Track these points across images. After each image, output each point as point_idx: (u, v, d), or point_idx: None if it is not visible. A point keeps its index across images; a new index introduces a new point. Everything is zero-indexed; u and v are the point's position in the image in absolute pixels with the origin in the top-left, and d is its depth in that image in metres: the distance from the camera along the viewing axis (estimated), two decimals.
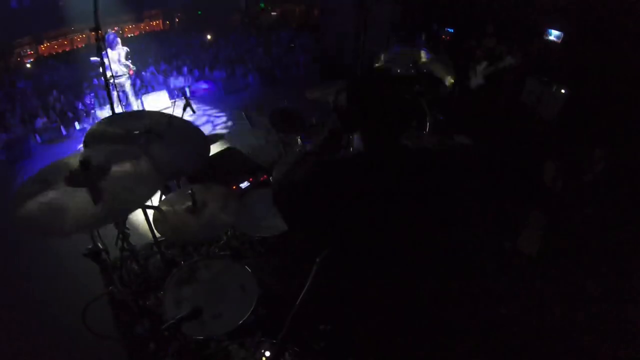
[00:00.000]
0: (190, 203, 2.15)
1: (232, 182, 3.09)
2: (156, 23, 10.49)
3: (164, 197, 2.46)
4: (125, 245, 2.59)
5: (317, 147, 1.49)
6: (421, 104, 2.98)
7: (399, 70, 3.27)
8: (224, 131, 6.11)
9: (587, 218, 3.45)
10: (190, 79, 8.01)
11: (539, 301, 2.72)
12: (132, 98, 6.28)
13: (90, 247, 1.77)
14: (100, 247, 1.79)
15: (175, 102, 6.89)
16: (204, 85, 7.84)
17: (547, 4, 5.48)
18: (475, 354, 2.33)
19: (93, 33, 2.63)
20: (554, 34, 5.45)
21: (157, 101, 7.09)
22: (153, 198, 1.78)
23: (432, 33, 7.02)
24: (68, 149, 5.92)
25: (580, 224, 3.40)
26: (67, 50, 9.13)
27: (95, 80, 7.38)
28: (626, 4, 4.45)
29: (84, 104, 6.93)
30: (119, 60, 5.79)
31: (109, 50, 5.45)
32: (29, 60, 8.54)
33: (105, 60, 2.83)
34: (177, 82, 7.87)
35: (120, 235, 2.58)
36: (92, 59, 5.44)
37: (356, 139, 1.40)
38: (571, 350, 2.43)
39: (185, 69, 8.20)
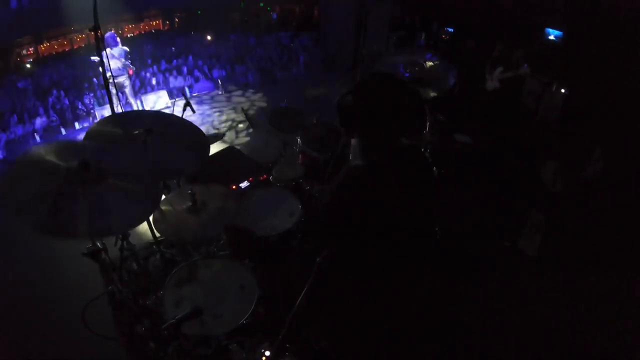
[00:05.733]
0: (190, 203, 2.15)
1: (232, 181, 3.08)
2: (156, 23, 10.48)
3: (164, 197, 2.46)
4: (124, 244, 2.58)
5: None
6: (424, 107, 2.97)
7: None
8: (223, 131, 6.11)
9: (587, 218, 3.45)
10: (190, 78, 8.01)
11: (539, 301, 2.72)
12: (131, 98, 6.28)
13: (89, 246, 1.77)
14: (100, 246, 1.79)
15: (175, 101, 6.88)
16: (204, 85, 7.84)
17: (547, 4, 5.49)
18: (475, 353, 2.33)
19: (93, 33, 2.63)
20: (553, 34, 5.45)
21: (157, 101, 7.10)
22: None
23: (432, 33, 7.02)
24: None
25: (580, 224, 3.40)
26: (67, 50, 9.11)
27: (95, 80, 7.37)
28: (626, 4, 4.45)
29: (83, 104, 6.93)
30: (119, 60, 5.79)
31: (108, 49, 5.45)
32: (28, 60, 8.53)
33: (105, 60, 2.82)
34: (177, 82, 7.86)
35: (120, 235, 2.57)
36: (92, 58, 5.45)
37: (354, 142, 1.41)
38: (571, 350, 2.43)
39: (185, 69, 8.19)
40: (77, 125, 6.61)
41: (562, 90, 4.86)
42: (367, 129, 1.36)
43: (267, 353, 1.58)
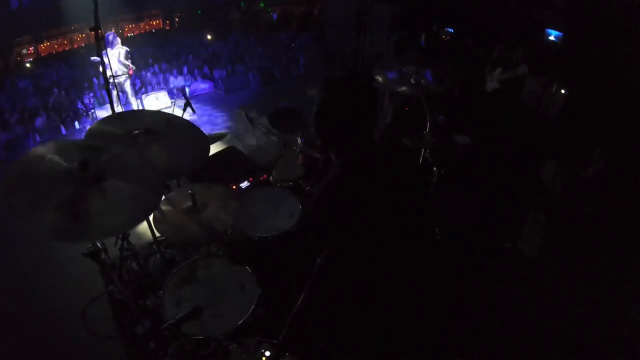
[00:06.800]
0: (190, 203, 2.15)
1: (232, 181, 3.09)
2: (156, 23, 10.48)
3: (164, 197, 2.46)
4: (125, 244, 2.59)
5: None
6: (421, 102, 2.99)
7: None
8: (224, 131, 6.11)
9: (587, 218, 3.45)
10: (190, 78, 8.01)
11: (539, 301, 2.72)
12: (131, 98, 6.28)
13: (90, 246, 1.77)
14: (100, 246, 1.78)
15: (175, 101, 6.87)
16: (203, 85, 7.84)
17: (547, 4, 5.49)
18: (474, 354, 2.33)
19: (93, 32, 2.63)
20: (553, 35, 5.45)
21: (157, 101, 7.10)
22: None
23: (432, 33, 7.02)
24: None
25: (581, 223, 3.40)
26: (67, 49, 9.11)
27: (95, 80, 7.37)
28: (626, 4, 4.45)
29: (83, 104, 6.93)
30: (119, 60, 5.79)
31: (108, 49, 5.45)
32: (28, 60, 8.52)
33: (105, 59, 2.83)
34: (177, 81, 7.86)
35: (120, 235, 2.57)
36: (92, 58, 5.45)
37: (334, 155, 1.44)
38: (571, 350, 2.43)
39: (185, 69, 8.19)
40: (77, 125, 6.60)
41: (562, 91, 4.87)
42: (350, 136, 1.38)
43: (267, 353, 1.58)
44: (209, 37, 9.86)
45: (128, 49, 5.96)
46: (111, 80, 5.13)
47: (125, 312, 2.54)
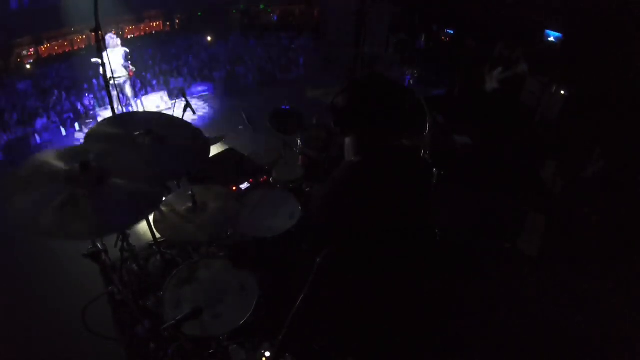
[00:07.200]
0: (190, 204, 2.15)
1: (232, 183, 3.09)
2: (156, 24, 10.48)
3: (164, 198, 2.46)
4: (125, 245, 2.59)
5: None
6: (422, 108, 2.99)
7: None
8: (224, 132, 6.10)
9: (587, 218, 3.45)
10: (189, 79, 8.01)
11: (539, 301, 2.72)
12: (131, 99, 6.28)
13: (90, 247, 1.77)
14: (100, 247, 1.78)
15: (175, 103, 6.88)
16: (201, 87, 7.83)
17: (547, 4, 5.49)
18: (474, 354, 2.33)
19: (93, 34, 2.64)
20: (553, 36, 5.46)
21: (157, 102, 7.10)
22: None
23: (432, 33, 7.03)
24: None
25: (580, 224, 3.40)
26: (67, 50, 9.11)
27: (95, 81, 7.38)
28: (626, 4, 4.45)
29: (83, 105, 6.94)
30: (119, 61, 5.79)
31: (108, 51, 5.45)
32: (29, 61, 8.53)
33: (105, 61, 2.83)
34: (177, 83, 7.87)
35: (120, 236, 2.58)
36: (92, 60, 5.45)
37: (348, 142, 1.42)
38: (571, 350, 2.43)
39: (185, 70, 8.20)
40: (77, 126, 6.61)
41: (562, 91, 4.87)
42: (360, 128, 1.37)
43: (267, 354, 1.58)
44: (208, 38, 9.87)
45: (128, 50, 5.96)
46: (111, 82, 5.15)
47: (125, 312, 2.54)
